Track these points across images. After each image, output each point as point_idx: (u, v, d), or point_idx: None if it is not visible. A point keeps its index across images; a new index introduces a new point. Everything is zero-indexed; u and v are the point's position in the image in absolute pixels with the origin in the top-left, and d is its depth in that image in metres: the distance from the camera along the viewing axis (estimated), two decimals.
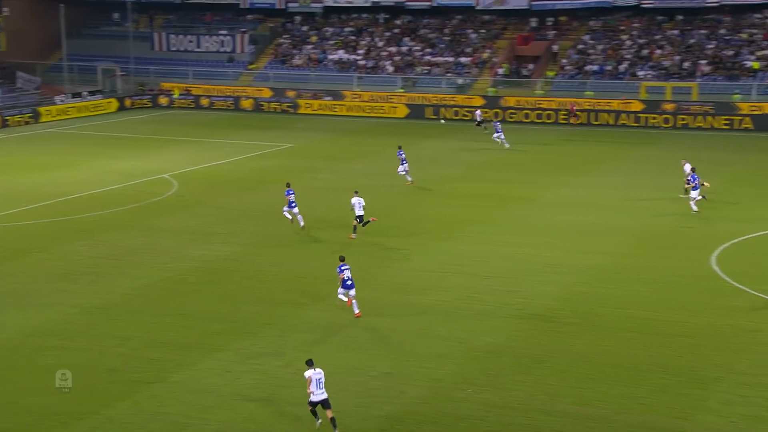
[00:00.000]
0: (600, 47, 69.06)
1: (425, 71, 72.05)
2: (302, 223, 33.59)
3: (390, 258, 30.69)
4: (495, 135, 52.09)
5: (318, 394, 18.57)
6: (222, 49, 78.79)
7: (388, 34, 77.43)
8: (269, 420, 19.23)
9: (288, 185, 34.25)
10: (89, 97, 70.48)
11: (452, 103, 66.41)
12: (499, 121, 55.58)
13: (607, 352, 22.39)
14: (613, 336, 23.41)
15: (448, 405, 19.89)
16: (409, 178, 41.45)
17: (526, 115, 63.73)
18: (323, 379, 18.64)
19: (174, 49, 79.69)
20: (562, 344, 22.87)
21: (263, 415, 19.40)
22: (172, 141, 56.17)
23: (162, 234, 33.58)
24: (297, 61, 76.40)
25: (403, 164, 41.31)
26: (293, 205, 33.46)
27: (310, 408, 18.67)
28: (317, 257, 30.67)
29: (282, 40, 79.44)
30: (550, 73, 68.10)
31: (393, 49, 75.24)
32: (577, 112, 62.12)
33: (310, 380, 18.53)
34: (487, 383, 20.88)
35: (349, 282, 24.68)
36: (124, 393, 20.22)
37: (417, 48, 74.77)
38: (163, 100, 73.66)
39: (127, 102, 72.53)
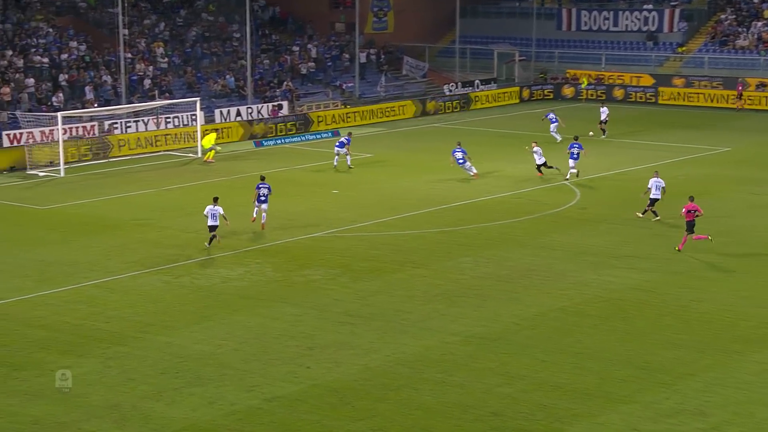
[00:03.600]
0: None
1: None
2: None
3: None
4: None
5: (211, 221, 33.70)
6: (645, 28, 78.03)
7: None
8: None
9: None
10: (482, 87, 73.34)
11: None
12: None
13: None
14: None
15: None
16: (472, 171, 46.19)
17: None
18: (217, 214, 33.68)
19: (585, 28, 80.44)
20: None
21: None
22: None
23: (558, 253, 33.93)
24: (742, 42, 73.56)
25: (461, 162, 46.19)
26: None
27: (211, 234, 34.00)
28: (757, 293, 29.27)
29: (724, 16, 76.92)
30: None
31: None
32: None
33: (207, 214, 33.79)
34: None
35: (262, 198, 36.52)
36: None
37: None
38: (567, 91, 74.66)
39: (524, 92, 74.41)
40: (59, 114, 50.05)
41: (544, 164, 45.66)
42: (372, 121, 65.08)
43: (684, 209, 33.76)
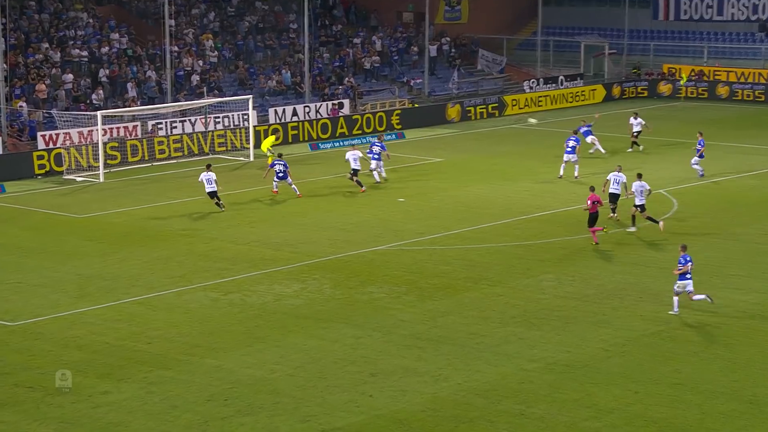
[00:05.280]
0: None
1: None
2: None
3: None
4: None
5: (208, 188, 41.22)
6: (754, 17, 77.07)
7: None
8: None
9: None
10: (566, 83, 73.04)
11: None
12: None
13: None
14: None
15: None
16: (377, 178, 47.14)
17: None
18: (212, 179, 41.11)
19: (685, 17, 79.71)
20: None
21: None
22: (674, 144, 56.12)
23: (652, 271, 33.62)
24: None
25: (373, 158, 46.99)
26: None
27: (215, 201, 41.68)
28: None
29: None
30: None
31: None
32: None
33: (202, 181, 41.42)
34: None
35: (281, 174, 43.58)
36: None
37: None
38: (664, 88, 74.09)
39: (615, 90, 73.98)
40: (99, 113, 50.71)
41: (356, 173, 45.49)
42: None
43: (589, 201, 35.99)
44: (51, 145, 51.36)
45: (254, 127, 55.28)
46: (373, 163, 47.00)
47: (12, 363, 26.39)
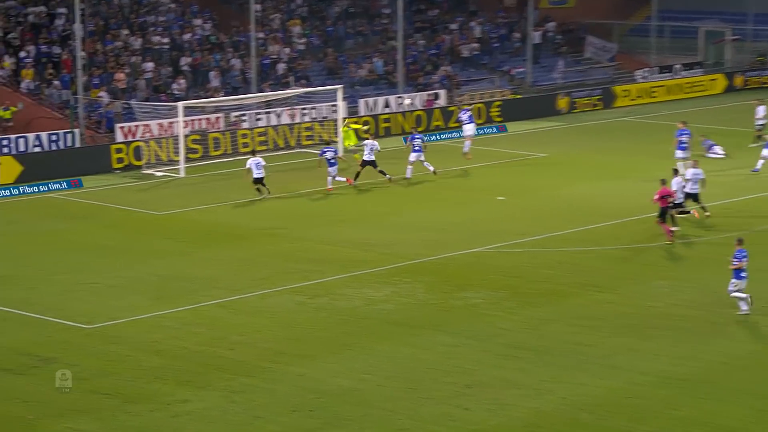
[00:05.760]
0: None
1: None
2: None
3: None
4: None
5: (257, 174, 42.90)
6: None
7: None
8: None
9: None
10: (683, 72, 72.16)
11: None
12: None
13: None
14: None
15: None
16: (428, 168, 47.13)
17: None
18: (261, 164, 43.08)
19: None
20: None
21: None
22: None
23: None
24: None
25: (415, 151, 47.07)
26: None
27: (255, 186, 43.27)
28: None
29: None
30: None
31: None
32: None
33: (251, 167, 43.07)
34: None
35: (332, 160, 44.64)
36: None
37: None
38: None
39: (737, 80, 72.90)
40: (180, 104, 51.18)
41: (372, 163, 46.02)
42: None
43: (657, 195, 36.46)
44: (130, 138, 51.99)
45: (344, 119, 55.31)
46: (413, 156, 47.04)
47: (89, 368, 26.81)
